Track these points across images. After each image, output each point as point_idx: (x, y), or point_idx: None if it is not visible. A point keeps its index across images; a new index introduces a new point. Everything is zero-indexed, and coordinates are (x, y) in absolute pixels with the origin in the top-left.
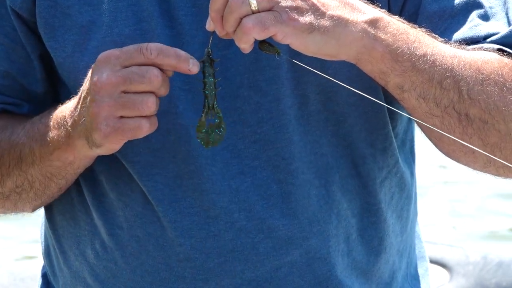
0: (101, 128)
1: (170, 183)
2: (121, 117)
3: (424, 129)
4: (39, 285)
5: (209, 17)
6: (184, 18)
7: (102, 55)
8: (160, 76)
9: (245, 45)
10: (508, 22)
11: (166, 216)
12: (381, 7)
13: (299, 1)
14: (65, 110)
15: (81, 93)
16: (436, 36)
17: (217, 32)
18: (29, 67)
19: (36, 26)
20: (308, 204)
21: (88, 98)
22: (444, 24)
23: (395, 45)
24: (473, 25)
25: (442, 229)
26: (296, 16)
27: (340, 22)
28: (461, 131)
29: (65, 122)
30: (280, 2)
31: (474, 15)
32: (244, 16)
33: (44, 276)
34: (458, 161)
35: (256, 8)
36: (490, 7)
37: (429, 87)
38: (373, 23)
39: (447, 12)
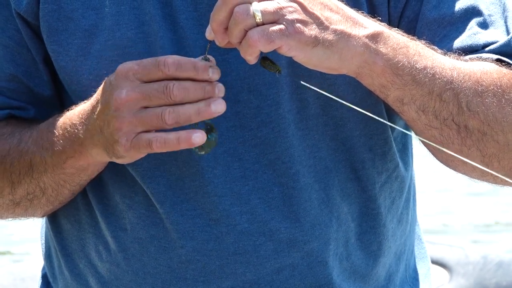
0: (122, 142)
1: (173, 185)
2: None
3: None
4: (39, 285)
5: (209, 26)
6: (186, 22)
7: (121, 68)
8: (181, 88)
9: (251, 57)
10: (507, 30)
11: (169, 218)
12: (382, 14)
13: (304, 14)
14: (75, 118)
15: (97, 103)
16: (435, 47)
17: (217, 43)
18: (35, 70)
19: (39, 30)
20: (310, 208)
21: (109, 113)
22: (443, 31)
23: (396, 59)
24: (472, 33)
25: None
26: (302, 29)
27: (342, 37)
28: (460, 142)
29: (76, 131)
30: (285, 15)
31: (473, 23)
32: (249, 28)
33: (44, 276)
34: (455, 170)
35: (261, 20)
36: (489, 15)
37: (429, 100)
38: (374, 37)
39: (446, 20)
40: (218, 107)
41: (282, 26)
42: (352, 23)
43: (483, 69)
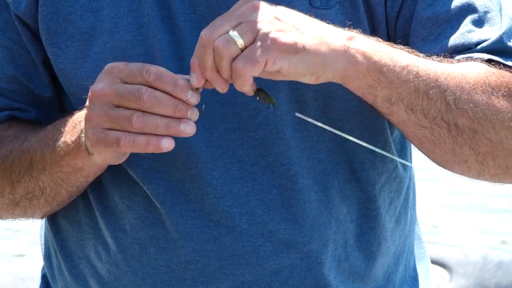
0: (89, 135)
1: (172, 187)
2: (109, 128)
3: (414, 142)
4: (39, 285)
5: (194, 74)
6: (184, 24)
7: (109, 65)
8: (152, 97)
9: (246, 88)
10: (501, 28)
11: (169, 219)
12: (379, 14)
13: (279, 23)
14: (81, 116)
15: None
16: (416, 52)
17: (221, 90)
18: (35, 72)
19: (38, 32)
20: (309, 209)
21: (86, 105)
22: (437, 29)
23: (378, 57)
24: (465, 31)
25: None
26: (279, 36)
27: (322, 40)
28: (452, 141)
29: (78, 126)
30: (261, 29)
31: (468, 20)
32: (235, 56)
33: (44, 276)
34: (452, 171)
35: (243, 44)
36: (485, 12)
37: (416, 98)
38: (351, 39)
39: (441, 18)
40: (187, 128)
41: (260, 42)
42: (326, 29)
43: (470, 68)
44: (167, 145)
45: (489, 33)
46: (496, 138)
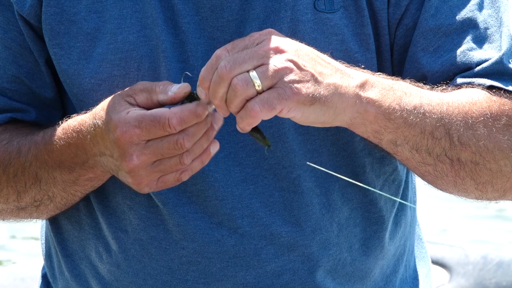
0: (146, 190)
1: (175, 188)
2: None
3: (417, 174)
4: (39, 285)
5: (200, 88)
6: (187, 26)
7: (123, 137)
8: (192, 139)
9: (249, 127)
10: (501, 46)
11: (171, 220)
12: (382, 20)
13: (299, 73)
14: (84, 142)
15: (102, 147)
16: (421, 84)
17: (222, 115)
18: (37, 71)
19: (42, 32)
20: (311, 212)
21: (122, 173)
22: (438, 41)
23: (387, 104)
24: (466, 49)
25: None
26: (299, 89)
27: (335, 90)
28: (454, 174)
29: (85, 156)
30: (283, 77)
31: (469, 37)
32: (250, 98)
33: (44, 276)
34: (452, 194)
35: (261, 87)
36: (486, 28)
37: (421, 139)
38: (363, 86)
39: (442, 30)
40: (218, 123)
41: (280, 90)
42: (341, 74)
43: (471, 99)
44: (216, 149)
45: (489, 53)
46: (496, 168)
